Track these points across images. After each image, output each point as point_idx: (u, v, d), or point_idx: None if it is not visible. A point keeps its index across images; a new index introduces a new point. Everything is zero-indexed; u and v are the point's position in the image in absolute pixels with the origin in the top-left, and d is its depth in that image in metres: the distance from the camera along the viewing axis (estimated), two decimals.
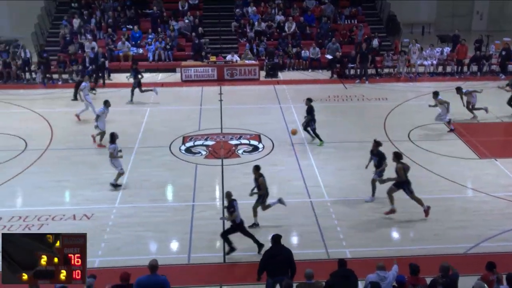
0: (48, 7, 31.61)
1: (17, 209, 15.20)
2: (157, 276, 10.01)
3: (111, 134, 16.31)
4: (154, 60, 28.35)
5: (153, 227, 14.27)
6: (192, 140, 19.71)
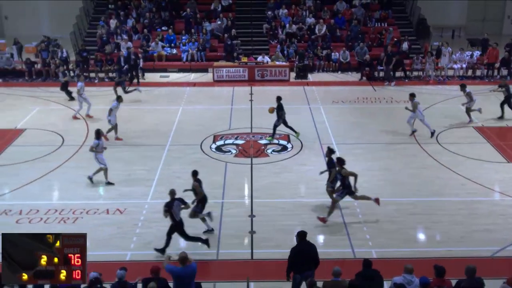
0: (86, 8, 32.07)
1: (53, 202, 15.47)
2: (189, 265, 10.17)
3: (96, 131, 16.57)
4: (187, 61, 28.55)
5: (185, 222, 14.33)
6: (222, 139, 19.78)
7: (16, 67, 27.52)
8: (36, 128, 20.58)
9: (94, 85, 26.28)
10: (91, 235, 13.67)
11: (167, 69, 28.32)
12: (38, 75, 27.01)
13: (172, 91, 25.58)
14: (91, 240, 13.55)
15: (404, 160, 18.07)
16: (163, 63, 28.51)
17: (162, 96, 24.73)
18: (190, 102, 23.73)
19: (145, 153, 18.56)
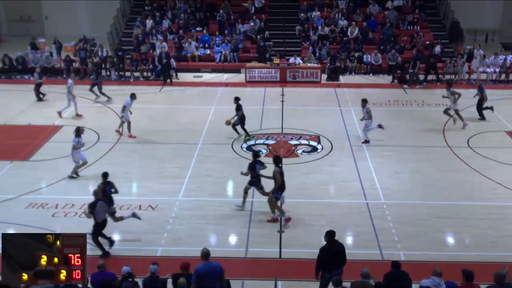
0: (123, 9, 32.46)
1: (87, 197, 15.63)
2: (212, 262, 10.09)
3: (76, 129, 16.92)
4: (220, 61, 28.66)
5: (213, 220, 14.44)
6: (253, 138, 19.79)
7: (54, 65, 28.00)
8: (73, 125, 20.83)
9: (129, 83, 26.56)
10: (123, 230, 13.94)
11: (201, 70, 28.48)
12: (76, 74, 27.42)
13: (205, 91, 25.71)
14: (124, 234, 13.80)
15: (435, 163, 17.81)
16: (197, 63, 28.68)
17: (195, 96, 24.87)
18: (222, 102, 23.82)
19: (177, 151, 18.69)
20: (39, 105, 23.21)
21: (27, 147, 18.93)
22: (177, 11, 31.48)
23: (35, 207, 15.12)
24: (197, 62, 28.73)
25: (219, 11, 30.83)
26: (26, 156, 18.35)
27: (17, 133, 20.48)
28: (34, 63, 27.77)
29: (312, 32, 30.12)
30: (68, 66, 27.45)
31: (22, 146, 18.99)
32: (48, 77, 27.15)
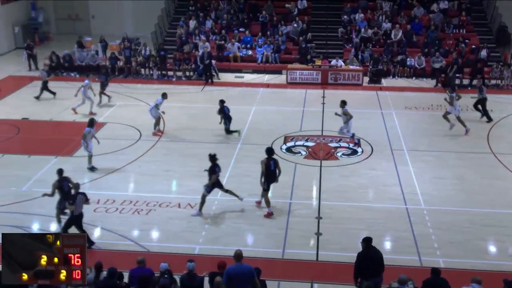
0: (167, 9, 32.85)
1: (128, 193, 15.95)
2: (244, 264, 10.03)
3: (90, 119, 17.55)
4: (262, 62, 28.70)
5: (251, 220, 14.47)
6: (293, 140, 19.77)
7: (100, 63, 28.53)
8: (116, 122, 21.25)
9: (172, 83, 26.84)
10: (163, 227, 14.12)
11: (242, 70, 28.57)
12: (120, 72, 27.90)
13: (246, 91, 25.80)
14: (162, 231, 13.97)
15: (478, 170, 17.43)
16: (239, 64, 28.79)
17: (236, 96, 24.96)
18: (262, 102, 23.85)
19: (217, 150, 18.65)
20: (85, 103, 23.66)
21: (71, 143, 19.35)
22: (220, 12, 31.68)
23: None
24: (239, 63, 28.84)
25: (262, 12, 30.88)
26: (70, 151, 18.77)
27: (62, 129, 20.96)
28: (80, 61, 28.37)
29: (355, 34, 29.86)
30: (113, 65, 27.93)
31: (67, 142, 19.42)
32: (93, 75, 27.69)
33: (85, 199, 13.24)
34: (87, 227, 14.07)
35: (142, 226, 14.25)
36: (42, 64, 28.54)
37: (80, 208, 13.10)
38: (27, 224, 14.30)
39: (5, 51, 31.83)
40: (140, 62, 27.93)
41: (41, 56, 29.10)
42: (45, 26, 36.65)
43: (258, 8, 31.63)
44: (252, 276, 9.91)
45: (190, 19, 30.97)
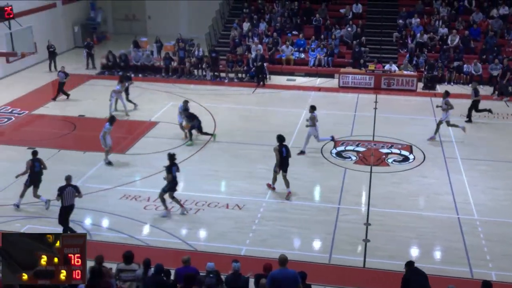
0: (222, 11, 33.15)
1: (178, 192, 16.10)
2: (288, 269, 9.89)
3: (111, 117, 18.22)
4: (314, 66, 28.58)
5: (299, 224, 14.43)
6: (343, 144, 19.59)
7: (154, 63, 29.05)
8: (168, 122, 21.54)
9: (223, 84, 27.03)
10: (210, 227, 14.24)
11: (294, 73, 28.54)
12: (174, 72, 28.32)
13: (298, 94, 25.74)
14: (210, 231, 14.09)
15: None
16: (291, 66, 28.76)
17: (287, 99, 24.95)
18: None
19: (267, 152, 18.77)
20: (139, 101, 24.10)
21: (125, 140, 19.77)
22: (274, 15, 31.75)
23: (128, 198, 15.77)
24: (291, 66, 28.80)
25: (316, 16, 30.76)
26: (124, 149, 19.17)
27: (116, 127, 21.33)
28: (136, 61, 28.94)
29: (410, 39, 29.37)
30: (167, 65, 28.38)
31: (120, 139, 19.84)
32: (147, 75, 28.22)
33: (76, 192, 13.65)
34: (137, 224, 14.38)
35: (190, 225, 14.42)
36: (99, 63, 29.26)
37: (70, 200, 13.52)
38: (79, 218, 14.68)
39: (64, 50, 32.79)
40: (193, 63, 28.28)
41: (98, 55, 29.84)
42: (103, 26, 37.59)
43: (312, 12, 31.52)
44: (296, 281, 9.79)
45: (244, 21, 31.16)
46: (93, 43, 30.74)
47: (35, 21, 26.13)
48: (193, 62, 28.28)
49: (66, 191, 13.46)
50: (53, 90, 24.82)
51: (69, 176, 13.83)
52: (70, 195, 13.50)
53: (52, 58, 28.99)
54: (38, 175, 15.19)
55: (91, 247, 13.01)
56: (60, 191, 13.47)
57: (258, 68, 26.81)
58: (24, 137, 20.18)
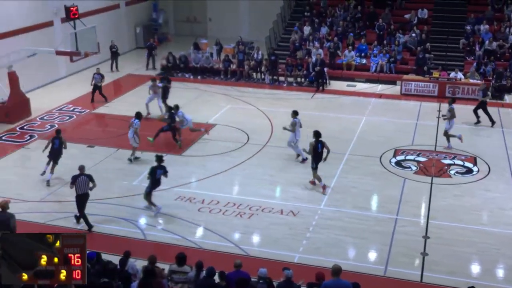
0: (283, 14, 33.21)
1: (232, 196, 16.27)
2: (341, 280, 9.76)
3: (139, 112, 18.62)
4: (376, 72, 28.21)
5: (354, 233, 14.26)
6: (403, 154, 19.24)
7: (213, 66, 29.38)
8: (225, 125, 21.74)
9: (282, 88, 27.02)
10: (263, 232, 14.27)
11: (355, 79, 28.26)
12: (232, 75, 28.56)
13: (358, 100, 25.47)
14: (263, 237, 14.12)
15: None
16: (352, 72, 28.49)
17: (346, 105, 24.74)
18: (374, 113, 23.43)
19: None
20: (197, 103, 24.46)
21: (182, 142, 20.03)
22: (335, 19, 31.55)
23: (183, 200, 16.00)
24: (352, 71, 28.53)
25: (379, 20, 30.37)
26: (180, 150, 19.47)
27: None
28: (195, 63, 29.35)
29: (478, 47, 28.56)
30: (226, 67, 28.66)
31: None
32: (206, 77, 28.57)
33: (90, 181, 14.18)
34: (191, 226, 14.58)
35: (244, 229, 14.49)
36: (159, 64, 29.84)
37: (84, 189, 14.10)
38: (134, 217, 15.01)
39: (126, 50, 33.64)
40: (252, 66, 28.43)
41: (159, 56, 30.42)
42: (164, 27, 38.37)
43: (375, 16, 31.15)
44: None
45: (304, 25, 31.11)
46: (155, 44, 31.39)
47: (99, 21, 26.90)
48: (252, 65, 28.44)
49: (79, 180, 14.08)
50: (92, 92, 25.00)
51: (82, 166, 14.45)
52: (83, 184, 14.10)
53: (114, 58, 29.80)
54: (57, 152, 16.88)
55: (145, 247, 13.35)
56: (73, 179, 14.15)
57: (318, 73, 26.70)
58: (85, 135, 20.80)
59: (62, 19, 25.81)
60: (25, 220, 14.41)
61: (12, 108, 22.06)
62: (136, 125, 18.24)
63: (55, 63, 27.18)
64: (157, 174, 15.05)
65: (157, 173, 15.05)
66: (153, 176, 15.03)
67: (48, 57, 24.27)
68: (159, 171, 15.08)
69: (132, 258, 11.13)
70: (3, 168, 18.27)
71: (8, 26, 24.40)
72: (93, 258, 10.76)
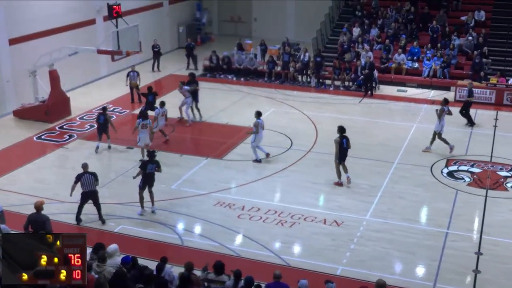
0: (331, 15, 33.06)
1: (274, 203, 16.24)
2: None
3: (161, 102, 19.95)
4: (428, 76, 27.77)
5: (402, 247, 14.04)
6: (456, 164, 18.87)
7: (257, 67, 29.44)
8: (268, 129, 21.66)
9: (328, 92, 26.83)
10: (305, 242, 14.20)
11: (406, 84, 27.87)
12: (277, 77, 28.53)
13: (408, 107, 25.13)
14: (305, 247, 14.06)
15: None
16: (402, 76, 28.11)
17: (396, 111, 24.43)
18: (425, 120, 23.05)
19: (371, 167, 18.52)
20: (239, 106, 24.56)
21: (222, 145, 20.17)
22: (387, 20, 31.21)
23: (222, 205, 16.06)
24: (403, 76, 28.15)
25: (433, 22, 29.88)
26: (221, 154, 19.57)
27: (215, 131, 21.93)
28: (239, 64, 29.49)
29: None
30: (270, 69, 28.67)
31: (218, 144, 20.28)
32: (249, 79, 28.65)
33: (94, 179, 14.81)
34: (230, 233, 14.63)
35: (284, 239, 14.44)
36: (202, 64, 30.10)
37: (90, 186, 14.75)
38: (171, 222, 15.16)
39: (168, 50, 34.08)
40: (298, 68, 28.34)
41: (201, 57, 30.66)
42: (208, 27, 38.70)
43: (429, 18, 30.68)
44: None
45: (354, 26, 30.88)
46: (194, 44, 31.65)
47: (141, 20, 27.31)
48: (297, 67, 28.36)
49: (84, 178, 14.75)
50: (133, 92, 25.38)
51: (85, 164, 15.09)
52: (89, 182, 14.74)
53: (156, 58, 30.20)
54: (102, 127, 19.36)
55: (182, 253, 13.45)
56: (77, 178, 14.83)
57: (367, 77, 26.42)
58: (124, 136, 21.12)
59: (105, 18, 26.40)
60: (61, 221, 14.74)
61: (52, 107, 22.63)
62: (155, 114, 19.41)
63: (96, 62, 27.76)
64: (148, 169, 15.32)
65: (148, 167, 15.34)
66: (143, 170, 15.32)
67: (89, 56, 24.79)
68: (150, 166, 15.38)
69: (168, 264, 11.22)
70: (41, 167, 18.73)
71: (50, 24, 25.07)
72: (128, 262, 10.90)
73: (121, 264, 10.84)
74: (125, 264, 10.83)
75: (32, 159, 19.23)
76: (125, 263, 10.86)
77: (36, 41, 24.25)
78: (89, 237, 9.01)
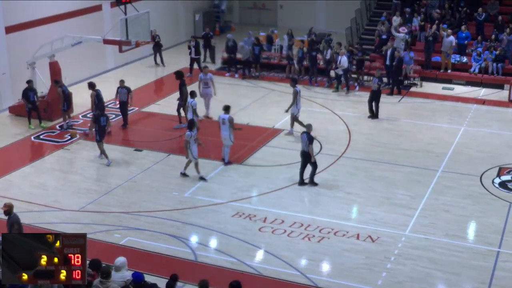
0: (368, 2, 32.94)
1: (300, 215, 16.23)
2: None
3: (190, 121, 18.49)
4: (479, 73, 27.56)
5: (446, 267, 13.97)
6: (510, 173, 18.73)
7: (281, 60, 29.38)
8: (296, 131, 21.64)
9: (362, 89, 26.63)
10: (335, 260, 14.19)
11: (453, 81, 27.72)
12: (306, 72, 28.31)
13: (455, 107, 24.98)
14: (334, 265, 14.05)
15: None
16: (449, 73, 27.93)
17: (441, 112, 24.28)
18: (475, 122, 22.91)
19: (411, 175, 18.44)
20: (262, 104, 24.59)
21: (242, 148, 20.19)
22: (431, 8, 31.01)
23: (242, 216, 16.11)
24: (449, 72, 27.99)
25: (485, 10, 29.62)
26: (240, 158, 19.61)
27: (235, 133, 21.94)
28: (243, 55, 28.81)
29: None
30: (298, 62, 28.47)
31: (238, 147, 20.23)
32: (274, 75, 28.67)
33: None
34: (249, 247, 14.67)
35: (311, 255, 14.44)
36: (220, 57, 30.13)
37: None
38: (184, 235, 15.23)
39: (183, 40, 34.11)
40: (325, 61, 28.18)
41: (219, 48, 30.65)
42: (227, 14, 38.79)
43: (480, 5, 30.43)
44: None
45: (394, 15, 30.74)
46: (212, 33, 31.55)
47: (152, 7, 27.38)
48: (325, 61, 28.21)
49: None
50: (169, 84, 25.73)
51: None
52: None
53: (157, 51, 29.99)
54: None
55: (195, 270, 13.51)
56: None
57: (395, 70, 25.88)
58: (131, 137, 21.28)
59: (112, 4, 26.63)
60: (61, 231, 14.88)
61: (52, 103, 22.64)
62: (186, 137, 17.80)
63: (102, 53, 27.99)
64: (101, 122, 18.61)
65: (102, 120, 18.67)
66: (97, 123, 18.60)
67: (94, 46, 25.00)
68: (103, 119, 18.69)
69: (180, 282, 11.28)
70: (39, 171, 18.97)
71: (51, 10, 25.31)
72: (141, 280, 10.91)
73: (132, 281, 10.86)
74: (136, 282, 10.86)
75: (29, 161, 19.49)
76: (137, 281, 10.88)
77: (36, 29, 24.52)
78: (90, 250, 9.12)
